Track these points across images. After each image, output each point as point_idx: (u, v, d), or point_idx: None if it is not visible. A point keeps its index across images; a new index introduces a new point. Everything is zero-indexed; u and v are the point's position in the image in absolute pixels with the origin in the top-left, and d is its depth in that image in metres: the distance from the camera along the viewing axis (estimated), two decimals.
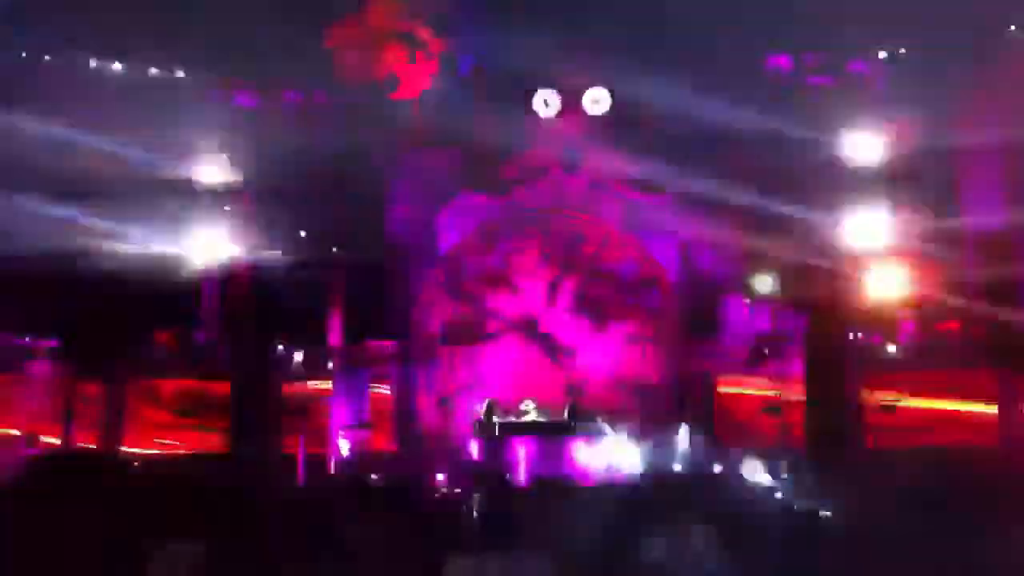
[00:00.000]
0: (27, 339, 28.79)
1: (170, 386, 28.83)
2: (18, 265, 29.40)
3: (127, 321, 27.48)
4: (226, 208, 30.30)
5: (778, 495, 23.71)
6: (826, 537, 21.66)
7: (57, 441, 26.28)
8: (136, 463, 24.93)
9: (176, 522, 16.55)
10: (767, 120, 30.14)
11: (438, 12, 29.88)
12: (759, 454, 26.18)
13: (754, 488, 24.66)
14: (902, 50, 29.68)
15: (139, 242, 30.11)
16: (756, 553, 21.64)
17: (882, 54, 29.60)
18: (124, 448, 27.63)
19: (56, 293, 26.99)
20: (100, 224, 29.78)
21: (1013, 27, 28.80)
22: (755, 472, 25.60)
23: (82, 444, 26.84)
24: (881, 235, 27.33)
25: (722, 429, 27.01)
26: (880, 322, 27.16)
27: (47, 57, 32.50)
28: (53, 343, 28.53)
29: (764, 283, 27.43)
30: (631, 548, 22.00)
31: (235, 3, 32.83)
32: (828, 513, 22.18)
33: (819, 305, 26.19)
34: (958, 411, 26.37)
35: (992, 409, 26.00)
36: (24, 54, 31.61)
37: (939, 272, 26.79)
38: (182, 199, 31.21)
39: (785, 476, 24.83)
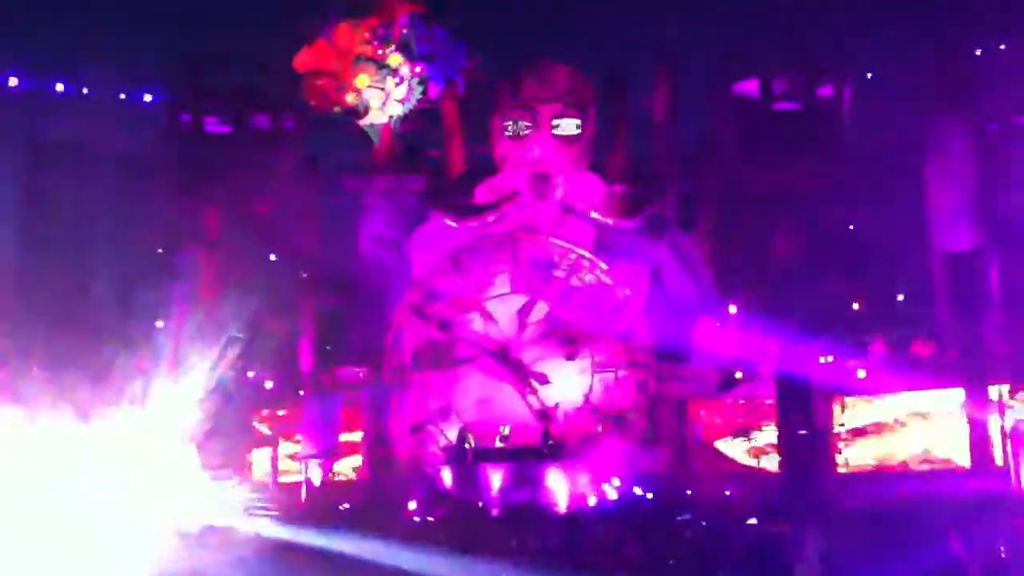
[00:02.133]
0: None
1: None
2: None
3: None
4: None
5: (751, 521, 23.76)
6: (796, 560, 21.77)
7: None
8: None
9: None
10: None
11: (408, 38, 29.87)
12: (730, 477, 26.24)
13: (725, 512, 24.69)
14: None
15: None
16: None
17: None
18: None
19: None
20: None
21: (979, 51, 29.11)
22: (726, 495, 25.65)
23: None
24: None
25: (694, 453, 26.99)
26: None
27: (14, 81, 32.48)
28: None
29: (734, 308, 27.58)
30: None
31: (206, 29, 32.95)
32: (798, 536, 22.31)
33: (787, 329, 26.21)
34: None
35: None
36: None
37: None
38: None
39: (755, 499, 24.87)
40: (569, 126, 28.84)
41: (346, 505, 25.80)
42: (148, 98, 33.05)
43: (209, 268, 30.46)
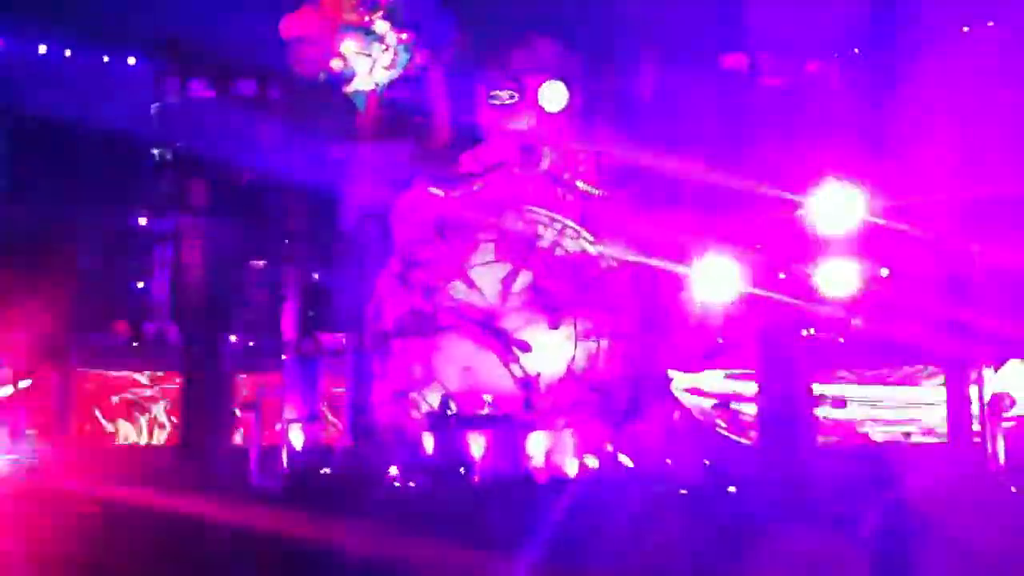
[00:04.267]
0: None
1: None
2: None
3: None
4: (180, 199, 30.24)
5: (730, 489, 23.87)
6: (776, 535, 21.90)
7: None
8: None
9: None
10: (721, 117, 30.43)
11: (394, 5, 29.82)
12: (710, 449, 26.38)
13: (705, 484, 24.81)
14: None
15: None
16: (706, 547, 21.84)
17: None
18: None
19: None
20: None
21: (966, 28, 29.13)
22: (705, 468, 25.78)
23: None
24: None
25: (675, 424, 27.05)
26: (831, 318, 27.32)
27: None
28: None
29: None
30: (585, 544, 22.14)
31: None
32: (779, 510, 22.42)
33: (773, 300, 26.30)
34: None
35: None
36: None
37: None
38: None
39: (736, 473, 24.99)
40: (555, 95, 28.92)
41: (327, 470, 25.83)
42: (132, 61, 32.83)
43: (193, 236, 30.38)
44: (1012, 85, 26.72)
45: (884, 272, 28.86)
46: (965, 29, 28.37)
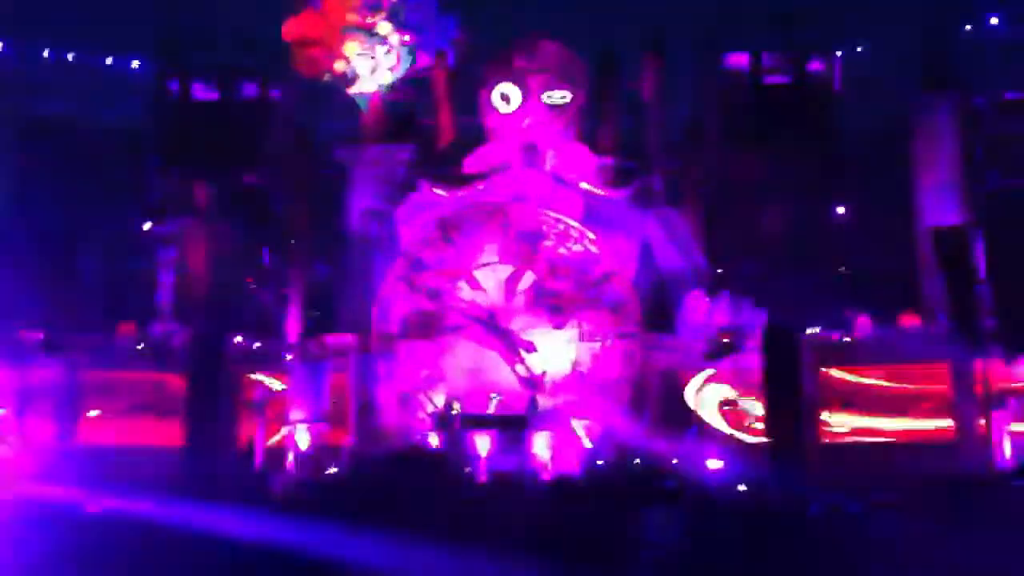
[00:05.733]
0: None
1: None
2: None
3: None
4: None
5: (740, 487, 23.87)
6: (780, 527, 21.86)
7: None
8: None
9: None
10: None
11: (397, 7, 29.86)
12: (717, 445, 26.34)
13: (712, 479, 24.81)
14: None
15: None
16: (712, 542, 21.78)
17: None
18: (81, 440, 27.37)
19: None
20: None
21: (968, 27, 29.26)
22: (713, 463, 25.76)
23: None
24: None
25: (682, 422, 26.98)
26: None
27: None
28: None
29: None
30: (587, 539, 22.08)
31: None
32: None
33: (775, 300, 26.32)
34: None
35: None
36: None
37: None
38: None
39: (742, 467, 24.97)
40: (558, 97, 29.05)
41: (333, 470, 25.86)
42: (136, 64, 32.89)
43: (197, 238, 30.35)
44: None
45: None
46: None
